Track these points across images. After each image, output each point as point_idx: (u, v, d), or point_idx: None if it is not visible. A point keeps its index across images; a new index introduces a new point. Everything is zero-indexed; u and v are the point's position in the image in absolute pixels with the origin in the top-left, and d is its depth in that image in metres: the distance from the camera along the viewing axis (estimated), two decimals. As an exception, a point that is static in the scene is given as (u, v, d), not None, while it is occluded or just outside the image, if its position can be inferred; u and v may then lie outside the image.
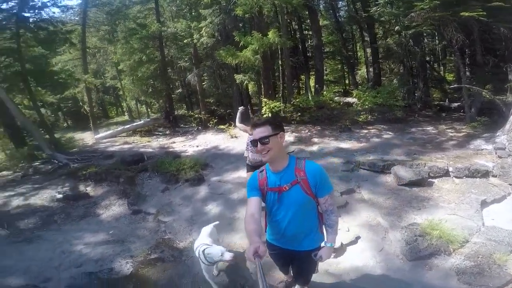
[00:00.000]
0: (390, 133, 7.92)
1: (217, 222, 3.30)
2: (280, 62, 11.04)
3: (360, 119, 8.69)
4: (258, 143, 1.61)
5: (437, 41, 10.04)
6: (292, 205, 1.69)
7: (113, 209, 4.96)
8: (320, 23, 14.34)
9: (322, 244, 1.85)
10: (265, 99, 9.18)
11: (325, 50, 15.97)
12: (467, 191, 4.06)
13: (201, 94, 11.62)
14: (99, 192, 5.63)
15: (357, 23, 14.87)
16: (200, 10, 9.20)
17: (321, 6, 15.53)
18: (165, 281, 3.01)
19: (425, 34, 9.62)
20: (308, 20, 14.40)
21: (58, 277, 3.14)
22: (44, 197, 5.56)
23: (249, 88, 10.00)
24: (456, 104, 9.66)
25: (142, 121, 13.00)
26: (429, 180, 4.46)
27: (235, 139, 8.90)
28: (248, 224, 1.51)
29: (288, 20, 13.88)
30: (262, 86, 10.25)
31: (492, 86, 8.73)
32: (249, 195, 1.71)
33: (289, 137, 8.19)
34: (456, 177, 4.54)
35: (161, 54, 11.57)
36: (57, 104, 16.21)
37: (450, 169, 4.65)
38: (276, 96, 10.67)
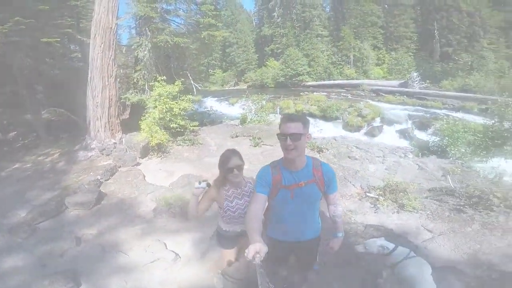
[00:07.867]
0: None
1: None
2: None
3: None
4: (288, 138, 1.59)
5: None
6: (306, 201, 1.79)
7: None
8: None
9: (334, 235, 1.99)
10: None
11: None
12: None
13: None
14: None
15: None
16: None
17: None
18: None
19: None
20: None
21: None
22: None
23: None
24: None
25: None
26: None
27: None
28: (251, 221, 1.51)
29: None
30: None
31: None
32: (258, 190, 1.69)
33: None
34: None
35: None
36: None
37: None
38: None
